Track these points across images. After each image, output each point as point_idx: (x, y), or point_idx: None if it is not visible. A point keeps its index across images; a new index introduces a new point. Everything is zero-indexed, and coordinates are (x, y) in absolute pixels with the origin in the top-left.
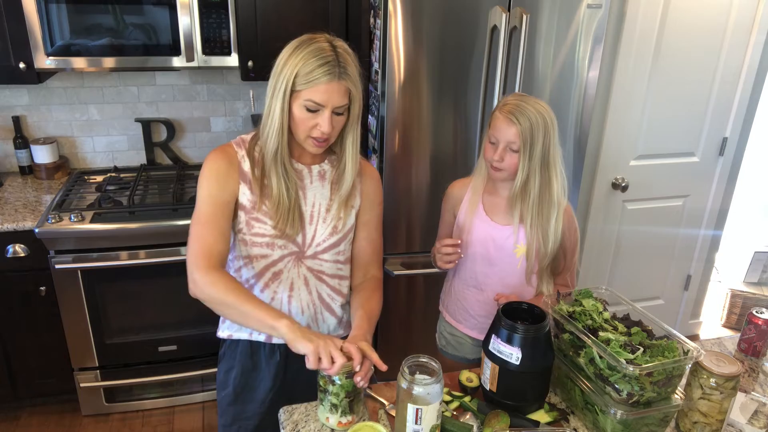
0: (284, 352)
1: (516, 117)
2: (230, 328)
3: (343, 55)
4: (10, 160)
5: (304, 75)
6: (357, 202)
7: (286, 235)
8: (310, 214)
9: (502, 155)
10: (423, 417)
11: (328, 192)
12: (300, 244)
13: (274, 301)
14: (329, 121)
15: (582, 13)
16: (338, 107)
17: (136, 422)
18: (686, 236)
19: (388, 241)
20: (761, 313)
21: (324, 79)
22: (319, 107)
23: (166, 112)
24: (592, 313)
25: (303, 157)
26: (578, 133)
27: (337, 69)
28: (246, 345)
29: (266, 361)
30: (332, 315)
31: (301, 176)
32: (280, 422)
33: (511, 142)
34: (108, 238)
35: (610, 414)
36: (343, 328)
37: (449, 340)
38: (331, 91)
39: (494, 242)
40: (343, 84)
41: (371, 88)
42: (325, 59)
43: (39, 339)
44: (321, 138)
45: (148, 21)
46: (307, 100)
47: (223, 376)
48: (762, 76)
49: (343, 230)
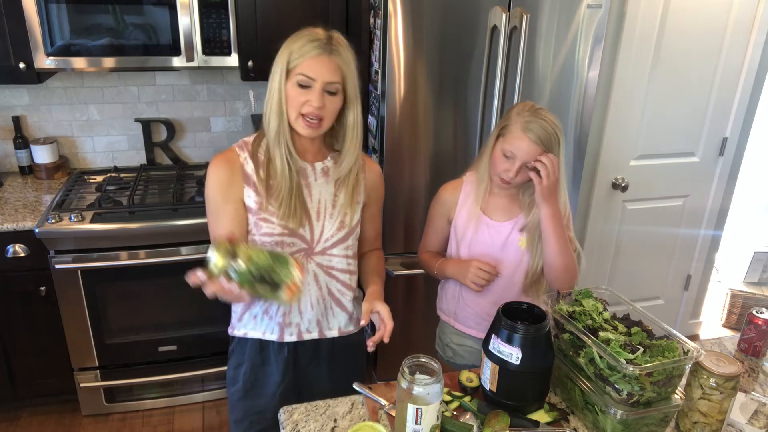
0: (293, 348)
1: (540, 139)
2: (245, 327)
3: (335, 37)
4: (10, 160)
5: (297, 50)
6: (362, 197)
7: (291, 231)
8: (316, 210)
9: (517, 172)
10: (423, 417)
11: (332, 188)
12: (309, 241)
13: None
14: (319, 95)
15: (582, 13)
16: (329, 83)
17: (136, 422)
18: (686, 236)
19: (388, 241)
20: (761, 313)
21: (314, 52)
22: (310, 81)
23: (166, 112)
24: (592, 313)
25: (306, 154)
26: (578, 133)
27: (328, 46)
28: (256, 342)
29: (275, 356)
30: (343, 310)
31: (305, 174)
32: (280, 422)
33: (527, 159)
34: (108, 238)
35: (610, 414)
36: (353, 324)
37: (456, 351)
38: (321, 64)
39: (498, 241)
40: (334, 60)
41: (371, 88)
42: (317, 37)
43: (39, 339)
44: (311, 114)
45: (148, 21)
46: (299, 74)
47: (233, 371)
48: (762, 76)
49: (350, 225)
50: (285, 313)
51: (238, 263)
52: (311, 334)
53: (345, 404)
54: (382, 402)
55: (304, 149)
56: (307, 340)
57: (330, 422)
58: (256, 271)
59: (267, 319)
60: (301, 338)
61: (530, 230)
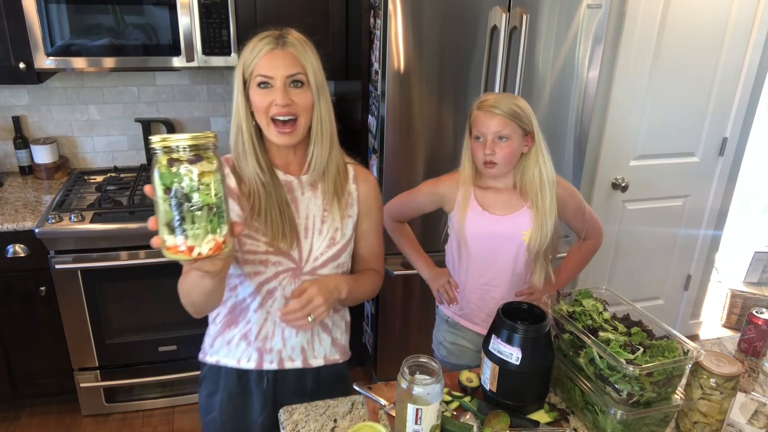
0: (272, 378)
1: (496, 108)
2: (218, 353)
3: (288, 31)
4: (10, 160)
5: (249, 54)
6: (354, 210)
7: (279, 250)
8: (304, 227)
9: (492, 148)
10: (423, 417)
11: (321, 201)
12: (297, 260)
13: (267, 321)
14: (282, 92)
15: (582, 13)
16: (290, 76)
17: (136, 422)
18: (686, 236)
19: (388, 241)
20: (761, 313)
21: (266, 48)
22: (269, 79)
23: (166, 112)
24: (592, 313)
25: (290, 167)
26: (578, 133)
27: (280, 40)
28: (232, 371)
29: (255, 386)
30: (329, 336)
31: (290, 188)
32: (280, 422)
33: (497, 131)
34: (108, 238)
35: (610, 414)
36: (339, 353)
37: (450, 349)
38: (276, 58)
39: (498, 235)
40: (289, 52)
41: (371, 88)
42: (267, 35)
43: (39, 339)
44: (280, 114)
45: (148, 21)
46: (257, 76)
47: (205, 400)
48: (762, 76)
49: (342, 241)
50: (266, 337)
51: (186, 167)
52: (294, 362)
53: (345, 404)
54: (382, 402)
55: (287, 162)
56: (289, 369)
57: (330, 422)
58: (195, 186)
59: (244, 345)
60: (282, 366)
61: (534, 227)
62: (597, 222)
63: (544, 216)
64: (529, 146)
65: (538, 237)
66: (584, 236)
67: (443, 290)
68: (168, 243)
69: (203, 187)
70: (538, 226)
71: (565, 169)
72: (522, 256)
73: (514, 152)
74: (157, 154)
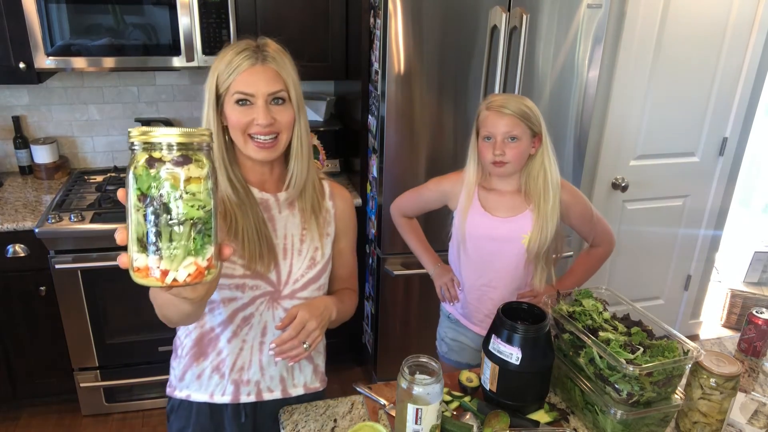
0: (251, 411)
1: (506, 108)
2: (188, 387)
3: (266, 43)
4: (10, 160)
5: (225, 68)
6: (332, 228)
7: (257, 273)
8: (282, 247)
9: (502, 148)
10: (423, 417)
11: (299, 220)
12: (275, 283)
13: (243, 351)
14: (264, 111)
15: (582, 13)
16: (272, 93)
17: (136, 422)
18: (686, 236)
19: (388, 241)
20: (761, 313)
21: (245, 63)
22: (249, 97)
23: (166, 112)
24: (592, 313)
25: (265, 185)
26: (578, 133)
27: (260, 53)
28: (204, 405)
29: (230, 421)
30: (310, 362)
31: (267, 206)
32: (280, 422)
33: (507, 131)
34: (108, 238)
35: (610, 414)
36: (319, 381)
37: (451, 346)
38: (256, 74)
39: (498, 237)
40: (270, 67)
41: (371, 88)
42: (245, 47)
43: (39, 339)
44: (261, 133)
45: (148, 21)
46: (235, 92)
47: None
48: (762, 76)
49: (322, 261)
50: (242, 368)
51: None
52: (273, 393)
53: (345, 404)
54: (382, 402)
55: (263, 179)
56: (267, 401)
57: (330, 422)
58: (177, 195)
59: (217, 378)
60: (261, 398)
61: (534, 230)
62: (607, 228)
63: (546, 218)
64: (536, 147)
65: (538, 239)
66: (593, 243)
67: (446, 287)
68: (137, 263)
69: (188, 197)
70: (538, 229)
71: (565, 168)
72: (522, 259)
73: (524, 153)
74: (136, 151)
